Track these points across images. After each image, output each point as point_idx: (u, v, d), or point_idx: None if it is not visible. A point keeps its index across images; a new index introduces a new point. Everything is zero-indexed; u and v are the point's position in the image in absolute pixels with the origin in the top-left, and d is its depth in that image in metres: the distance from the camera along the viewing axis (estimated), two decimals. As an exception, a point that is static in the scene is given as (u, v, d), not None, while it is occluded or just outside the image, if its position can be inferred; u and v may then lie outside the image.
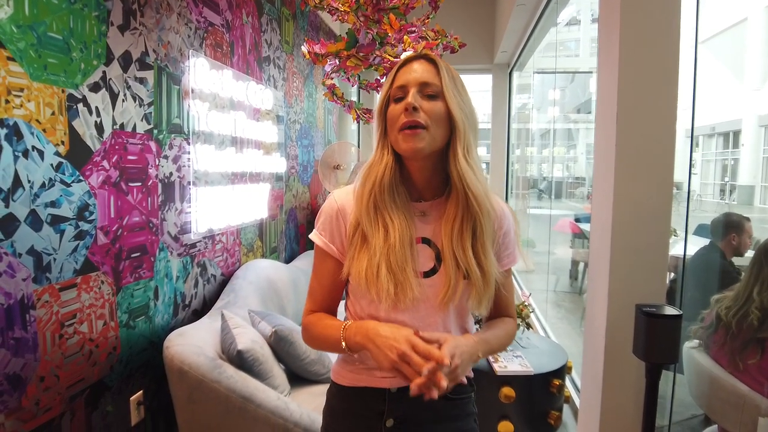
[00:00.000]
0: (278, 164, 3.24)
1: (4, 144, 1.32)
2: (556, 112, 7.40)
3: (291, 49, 3.49)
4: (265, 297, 2.54)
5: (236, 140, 2.63)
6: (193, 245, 2.27)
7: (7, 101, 1.33)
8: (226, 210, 2.53)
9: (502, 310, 1.05)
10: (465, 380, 1.02)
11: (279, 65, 3.27)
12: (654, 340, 1.39)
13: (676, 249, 3.33)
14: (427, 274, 0.94)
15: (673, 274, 2.35)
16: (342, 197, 0.99)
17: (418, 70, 0.92)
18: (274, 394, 1.72)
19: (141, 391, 1.91)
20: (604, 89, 1.68)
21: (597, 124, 1.76)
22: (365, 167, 0.97)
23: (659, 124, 1.55)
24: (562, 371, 2.53)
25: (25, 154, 1.39)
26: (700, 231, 3.09)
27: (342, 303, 1.08)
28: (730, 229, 2.17)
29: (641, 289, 1.58)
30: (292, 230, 3.63)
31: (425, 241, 0.95)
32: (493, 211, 0.95)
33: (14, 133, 1.35)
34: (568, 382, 2.80)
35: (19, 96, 1.37)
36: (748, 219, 2.19)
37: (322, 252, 0.99)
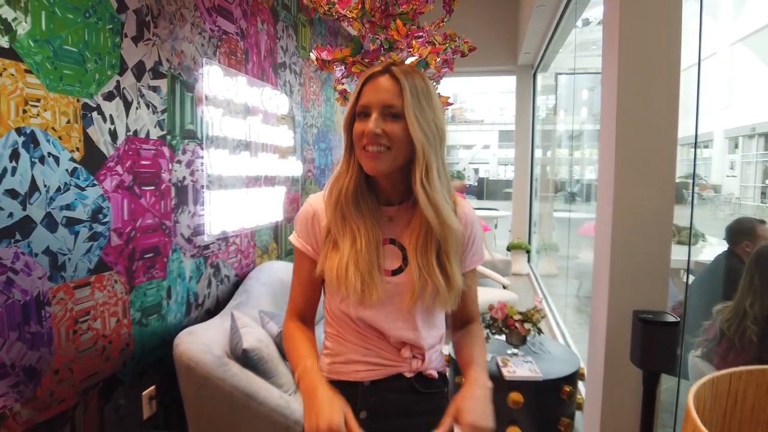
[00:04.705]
0: (294, 168, 3.31)
1: (22, 151, 1.41)
2: (584, 113, 7.27)
3: (308, 55, 3.55)
4: (277, 298, 2.60)
5: (250, 145, 2.70)
6: (207, 247, 2.35)
7: (24, 111, 1.42)
8: (240, 212, 2.60)
9: (467, 309, 1.10)
10: (435, 374, 1.06)
11: (295, 70, 3.34)
12: (650, 347, 1.37)
13: (703, 255, 3.24)
14: (395, 272, 1.00)
15: (688, 279, 2.29)
16: (316, 202, 1.05)
17: (382, 90, 0.94)
18: (276, 393, 1.77)
19: (153, 387, 1.99)
20: (606, 96, 1.66)
21: (600, 130, 1.75)
22: (332, 178, 1.02)
23: (660, 131, 1.53)
24: (574, 377, 2.49)
25: (42, 160, 1.47)
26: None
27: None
28: (742, 235, 2.10)
29: (642, 296, 1.56)
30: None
31: (392, 241, 1.01)
32: (459, 223, 0.99)
33: (31, 141, 1.44)
34: (582, 389, 2.76)
35: (36, 106, 1.46)
36: (762, 222, 2.11)
37: (299, 253, 1.06)
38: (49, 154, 1.50)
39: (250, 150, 2.70)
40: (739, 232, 2.23)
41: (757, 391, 0.46)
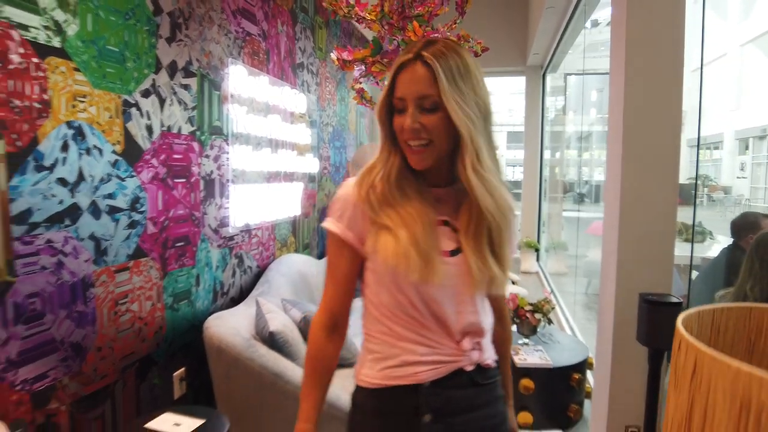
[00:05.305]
0: (311, 165, 3.42)
1: (71, 143, 1.53)
2: (593, 114, 7.32)
3: (324, 56, 3.67)
4: (297, 289, 2.71)
5: (271, 141, 2.82)
6: (231, 238, 2.46)
7: (73, 106, 1.54)
8: (262, 206, 2.72)
9: (498, 302, 1.11)
10: (493, 363, 1.02)
11: (312, 71, 3.45)
12: (655, 326, 1.47)
13: (711, 252, 3.31)
14: (453, 253, 0.95)
15: (691, 273, 2.37)
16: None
17: (415, 80, 0.89)
18: (301, 372, 1.87)
19: (183, 368, 2.11)
20: (614, 95, 1.76)
21: (609, 126, 1.84)
22: (368, 166, 0.97)
23: (664, 126, 1.62)
24: (583, 366, 2.58)
25: (88, 151, 1.59)
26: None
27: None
28: (746, 230, 2.18)
29: (647, 280, 1.66)
30: (324, 228, 3.80)
31: (445, 223, 0.96)
32: (514, 208, 0.96)
33: (79, 134, 1.56)
34: (590, 378, 2.85)
35: (83, 101, 1.58)
36: (766, 216, 2.19)
37: (338, 240, 0.97)
38: (94, 146, 1.62)
39: (271, 147, 2.82)
40: (744, 226, 2.32)
41: (736, 325, 0.55)
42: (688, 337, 0.45)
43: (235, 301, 2.49)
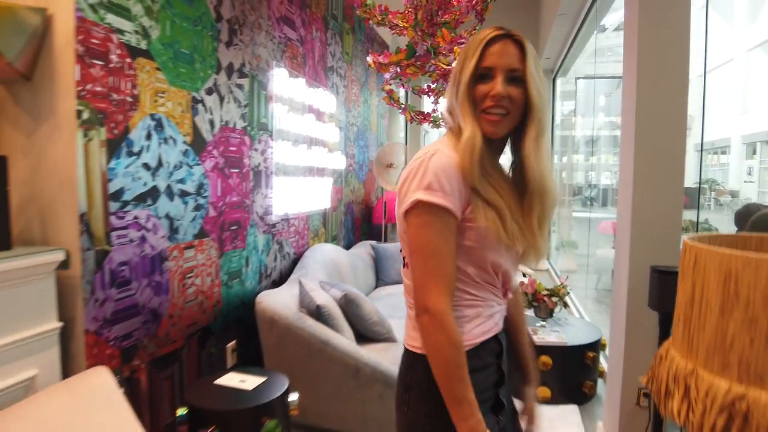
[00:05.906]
0: (339, 162, 3.64)
1: (153, 133, 1.76)
2: (600, 117, 7.50)
3: (350, 60, 3.90)
4: (330, 274, 2.92)
5: (306, 139, 3.05)
6: (274, 225, 2.68)
7: (155, 101, 1.77)
8: (298, 198, 2.94)
9: None
10: None
11: (340, 74, 3.69)
12: (664, 292, 1.67)
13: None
14: None
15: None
16: (454, 156, 0.94)
17: (507, 54, 0.94)
18: (346, 341, 2.08)
19: (235, 341, 2.32)
20: (626, 99, 1.98)
21: (621, 125, 2.05)
22: (464, 139, 0.93)
23: (672, 125, 1.84)
24: (597, 345, 2.78)
25: (165, 141, 1.82)
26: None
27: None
28: (749, 219, 2.37)
29: (657, 256, 1.86)
30: (349, 221, 4.03)
31: None
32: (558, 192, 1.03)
33: (159, 125, 1.79)
34: (602, 359, 3.04)
35: (162, 97, 1.81)
36: (768, 208, 2.38)
37: (447, 215, 0.91)
38: (170, 137, 1.85)
39: (307, 143, 3.04)
40: (748, 216, 2.51)
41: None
42: (692, 242, 0.66)
43: (276, 284, 2.71)
